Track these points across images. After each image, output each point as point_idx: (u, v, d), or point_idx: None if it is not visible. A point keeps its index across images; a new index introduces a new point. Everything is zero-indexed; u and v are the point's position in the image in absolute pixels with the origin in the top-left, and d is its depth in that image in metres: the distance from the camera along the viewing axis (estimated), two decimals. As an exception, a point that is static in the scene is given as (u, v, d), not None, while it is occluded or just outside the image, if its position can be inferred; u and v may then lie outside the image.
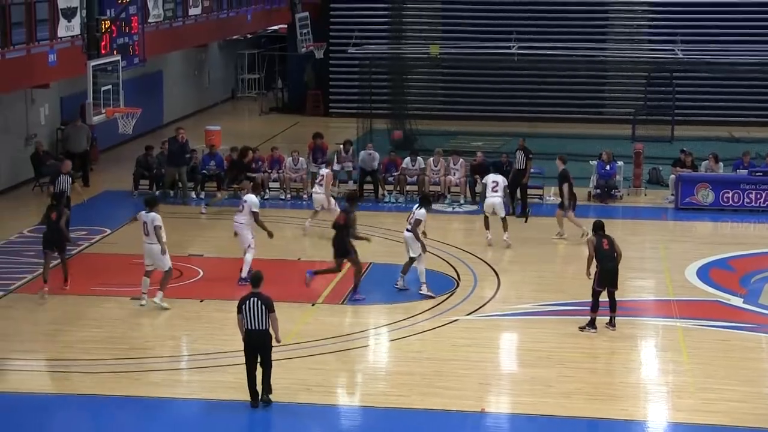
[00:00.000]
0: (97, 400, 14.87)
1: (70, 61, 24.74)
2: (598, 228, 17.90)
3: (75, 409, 14.77)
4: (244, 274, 19.49)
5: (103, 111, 23.39)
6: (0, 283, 19.73)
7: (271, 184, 27.11)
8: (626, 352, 17.02)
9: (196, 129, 33.75)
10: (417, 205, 20.02)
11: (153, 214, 18.58)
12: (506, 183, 23.16)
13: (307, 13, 37.85)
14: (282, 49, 44.37)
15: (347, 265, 20.92)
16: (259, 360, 14.53)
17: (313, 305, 18.89)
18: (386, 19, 38.38)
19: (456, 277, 20.55)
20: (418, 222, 19.40)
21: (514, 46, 32.69)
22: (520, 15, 37.99)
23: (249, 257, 19.78)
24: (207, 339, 17.13)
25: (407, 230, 19.61)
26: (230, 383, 15.01)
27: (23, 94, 27.20)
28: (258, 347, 14.47)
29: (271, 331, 14.50)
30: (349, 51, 34.02)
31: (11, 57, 22.98)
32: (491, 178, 23.09)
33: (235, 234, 20.16)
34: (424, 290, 19.42)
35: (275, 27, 44.89)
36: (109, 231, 23.61)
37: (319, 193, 23.64)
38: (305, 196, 26.91)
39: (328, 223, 20.92)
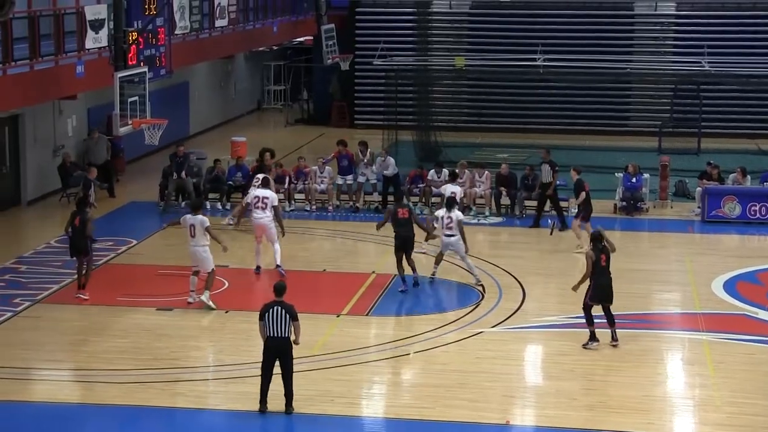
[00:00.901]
0: (122, 410, 14.92)
1: (98, 73, 24.90)
2: (597, 239, 17.50)
3: (100, 420, 14.81)
4: (279, 262, 20.79)
5: (130, 122, 23.52)
6: (27, 293, 19.83)
7: (297, 195, 27.17)
8: (652, 366, 16.94)
9: (222, 140, 33.87)
10: (445, 209, 20.56)
11: (200, 216, 19.09)
12: (463, 194, 23.51)
13: (333, 25, 37.93)
14: (308, 60, 44.46)
15: (373, 276, 21.05)
16: (280, 370, 14.60)
17: (337, 316, 18.90)
18: (412, 31, 38.40)
19: (481, 289, 20.51)
20: (461, 223, 20.50)
21: (539, 58, 32.65)
22: (546, 27, 37.92)
23: (278, 246, 20.93)
24: (232, 350, 17.17)
25: (449, 236, 20.32)
26: (255, 394, 14.99)
27: (51, 106, 27.39)
28: (279, 354, 14.55)
29: (292, 338, 14.58)
30: (374, 63, 34.09)
31: (40, 68, 23.16)
32: (449, 188, 23.20)
33: (236, 224, 21.63)
34: (479, 280, 20.55)
35: (301, 39, 45.02)
36: (134, 242, 23.70)
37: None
38: (330, 207, 26.95)
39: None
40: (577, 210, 23.87)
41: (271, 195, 21.18)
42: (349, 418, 14.87)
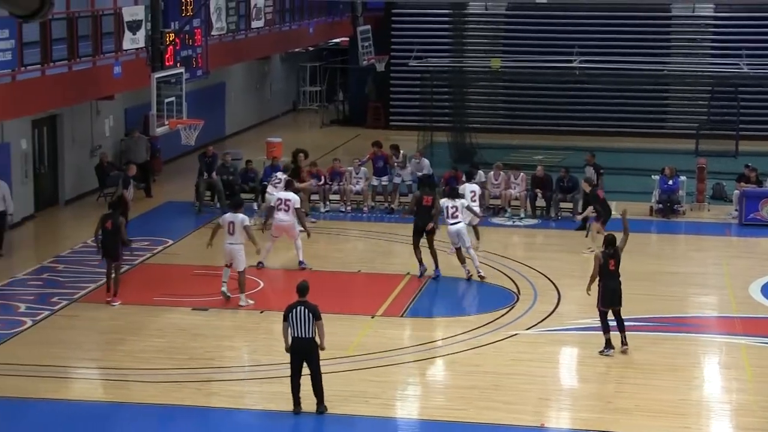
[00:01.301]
0: (158, 409, 14.99)
1: (135, 73, 25.06)
2: (610, 244, 17.12)
3: (136, 418, 14.88)
4: (301, 258, 21.46)
5: (166, 122, 23.63)
6: (64, 293, 19.98)
7: (332, 197, 27.21)
8: (688, 369, 16.81)
9: (258, 141, 33.99)
10: (448, 199, 21.07)
11: (240, 215, 19.35)
12: (481, 192, 23.86)
13: (368, 26, 37.97)
14: (343, 61, 44.55)
15: (407, 277, 21.03)
16: (308, 370, 14.62)
17: (372, 317, 18.90)
18: (448, 33, 38.37)
19: (516, 291, 20.45)
20: (470, 208, 21.65)
21: (576, 60, 32.53)
22: (582, 28, 37.78)
23: (300, 243, 21.56)
24: (266, 350, 17.20)
25: (454, 224, 20.76)
26: (289, 394, 14.99)
27: (89, 106, 27.58)
28: (304, 354, 14.56)
29: (316, 338, 14.58)
30: (410, 64, 34.08)
31: (78, 69, 23.34)
32: (468, 187, 23.07)
33: (264, 227, 22.45)
34: (480, 273, 20.82)
35: (337, 40, 45.10)
36: (171, 242, 23.83)
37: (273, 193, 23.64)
38: (365, 208, 26.96)
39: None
40: (596, 214, 23.79)
41: (293, 197, 21.46)
42: (384, 419, 14.85)
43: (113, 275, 19.38)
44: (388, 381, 16.10)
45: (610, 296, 17.01)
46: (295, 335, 14.54)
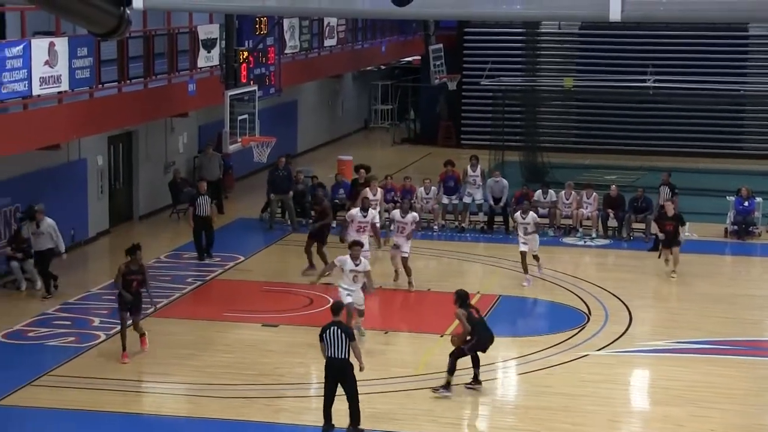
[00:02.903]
0: (226, 425, 15.07)
1: (209, 91, 25.30)
2: (464, 299, 16.49)
3: (205, 433, 15.02)
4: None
5: (239, 140, 23.83)
6: (136, 307, 20.18)
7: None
8: (763, 394, 16.51)
9: (329, 158, 34.14)
10: (400, 211, 22.32)
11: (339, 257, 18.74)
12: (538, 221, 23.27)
13: (440, 45, 37.97)
14: (415, 80, 44.62)
15: (477, 297, 20.90)
16: (344, 391, 14.55)
17: (441, 336, 18.83)
18: (520, 52, 38.24)
19: (587, 311, 20.25)
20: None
21: (649, 80, 32.22)
22: (657, 48, 37.39)
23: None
24: (335, 367, 17.20)
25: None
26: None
27: (163, 123, 27.92)
28: (338, 375, 14.52)
29: (352, 360, 14.54)
30: (482, 83, 34.01)
31: (153, 86, 23.64)
32: (533, 217, 22.78)
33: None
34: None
35: (409, 58, 45.18)
36: (242, 258, 23.99)
37: None
38: (436, 227, 26.90)
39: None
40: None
41: (372, 213, 22.00)
42: (452, 438, 14.79)
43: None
44: (456, 400, 16.01)
45: (485, 343, 16.30)
46: (330, 355, 14.51)
